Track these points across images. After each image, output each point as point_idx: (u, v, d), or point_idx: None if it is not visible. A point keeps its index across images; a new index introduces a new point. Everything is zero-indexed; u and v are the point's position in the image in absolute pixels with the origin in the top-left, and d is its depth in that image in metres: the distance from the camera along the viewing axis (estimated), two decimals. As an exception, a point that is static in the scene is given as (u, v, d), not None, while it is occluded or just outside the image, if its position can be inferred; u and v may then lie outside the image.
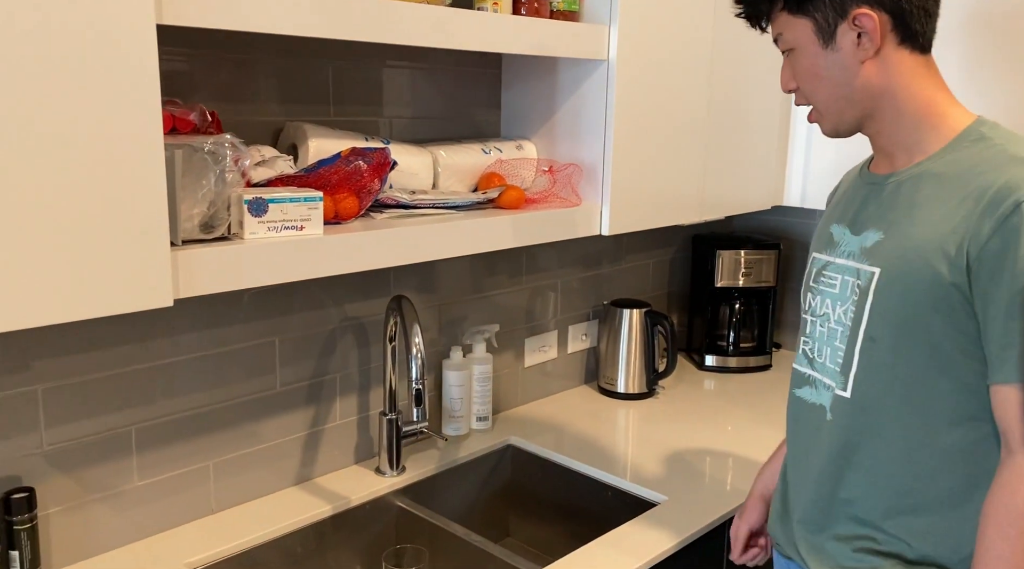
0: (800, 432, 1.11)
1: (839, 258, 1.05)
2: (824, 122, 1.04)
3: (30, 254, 0.85)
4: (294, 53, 1.34)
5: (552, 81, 1.58)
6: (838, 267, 1.05)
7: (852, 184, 1.10)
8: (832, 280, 1.05)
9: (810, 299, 1.10)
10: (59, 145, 0.86)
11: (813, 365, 1.08)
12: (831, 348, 1.05)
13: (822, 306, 1.07)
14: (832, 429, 1.03)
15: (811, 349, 1.09)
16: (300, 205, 1.12)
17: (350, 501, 1.42)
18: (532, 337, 1.86)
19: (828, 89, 1.01)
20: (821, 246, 1.10)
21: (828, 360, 1.05)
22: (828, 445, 1.04)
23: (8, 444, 1.13)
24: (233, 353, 1.35)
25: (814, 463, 1.07)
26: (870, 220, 1.02)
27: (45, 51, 0.83)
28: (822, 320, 1.07)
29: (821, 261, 1.09)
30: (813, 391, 1.08)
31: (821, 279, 1.08)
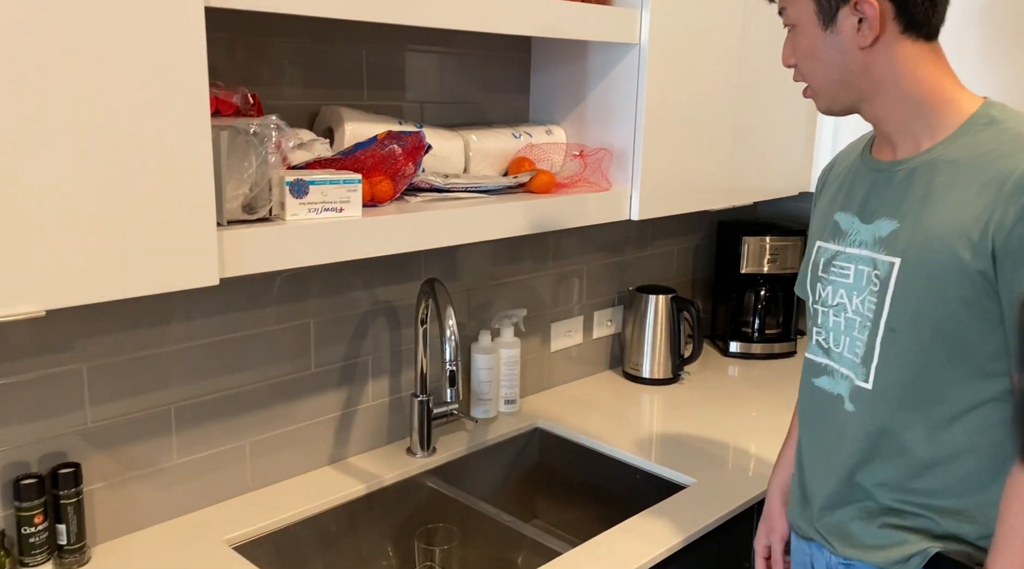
0: (818, 421, 1.10)
1: (850, 248, 1.03)
2: (818, 100, 1.04)
3: (82, 233, 0.87)
4: (329, 37, 1.36)
5: (582, 65, 1.59)
6: (850, 256, 1.04)
7: (852, 169, 1.09)
8: (844, 270, 1.04)
9: (820, 289, 1.08)
10: (111, 127, 0.87)
11: (830, 355, 1.07)
12: (849, 339, 1.04)
13: (835, 296, 1.05)
14: (854, 419, 1.03)
15: (825, 339, 1.08)
16: (340, 187, 1.14)
17: (383, 481, 1.44)
18: (558, 322, 1.87)
19: (824, 70, 1.00)
20: (827, 235, 1.08)
21: (846, 350, 1.04)
22: (851, 435, 1.04)
23: (55, 421, 1.15)
24: (269, 334, 1.37)
25: (836, 452, 1.06)
26: (882, 209, 1.00)
27: (97, 35, 0.85)
28: (836, 310, 1.05)
29: (829, 251, 1.07)
30: (831, 380, 1.07)
31: (832, 269, 1.06)
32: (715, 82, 1.65)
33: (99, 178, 0.87)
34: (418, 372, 1.51)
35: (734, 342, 2.17)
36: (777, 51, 1.79)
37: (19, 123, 0.81)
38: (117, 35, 0.86)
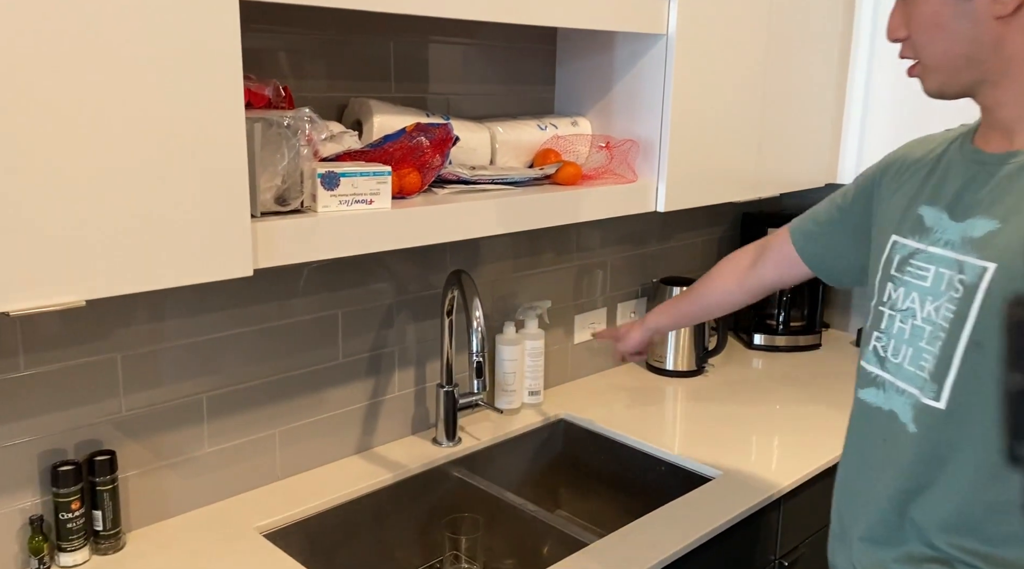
0: (864, 440, 0.99)
1: (933, 246, 0.92)
2: (929, 80, 0.91)
3: (120, 226, 0.89)
4: (357, 30, 1.36)
5: (609, 56, 1.58)
6: (931, 256, 0.92)
7: (945, 159, 0.96)
8: (923, 271, 0.92)
9: (890, 290, 0.96)
10: (149, 120, 0.88)
11: (884, 365, 0.96)
12: (914, 349, 0.92)
13: (906, 299, 0.94)
14: (916, 442, 0.91)
15: (884, 347, 0.96)
16: (370, 179, 1.15)
17: (409, 470, 1.46)
18: (581, 314, 1.87)
19: (947, 44, 0.87)
20: (906, 229, 0.96)
21: (908, 362, 0.93)
22: (909, 460, 0.92)
23: (90, 409, 1.17)
24: (298, 325, 1.38)
25: (886, 478, 0.95)
26: (979, 206, 0.88)
27: (137, 31, 0.86)
28: (904, 316, 0.94)
29: (907, 248, 0.95)
30: (880, 395, 0.96)
31: (908, 269, 0.94)
32: (742, 73, 1.64)
33: (137, 171, 0.89)
34: (444, 363, 1.52)
35: (758, 334, 2.16)
36: (805, 44, 1.77)
37: (61, 117, 0.83)
38: (156, 31, 0.87)
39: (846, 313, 2.31)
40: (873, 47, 1.89)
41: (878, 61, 1.89)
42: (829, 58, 1.86)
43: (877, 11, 1.88)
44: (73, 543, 1.14)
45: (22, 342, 1.10)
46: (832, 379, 1.94)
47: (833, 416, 1.72)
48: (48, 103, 0.82)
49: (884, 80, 1.89)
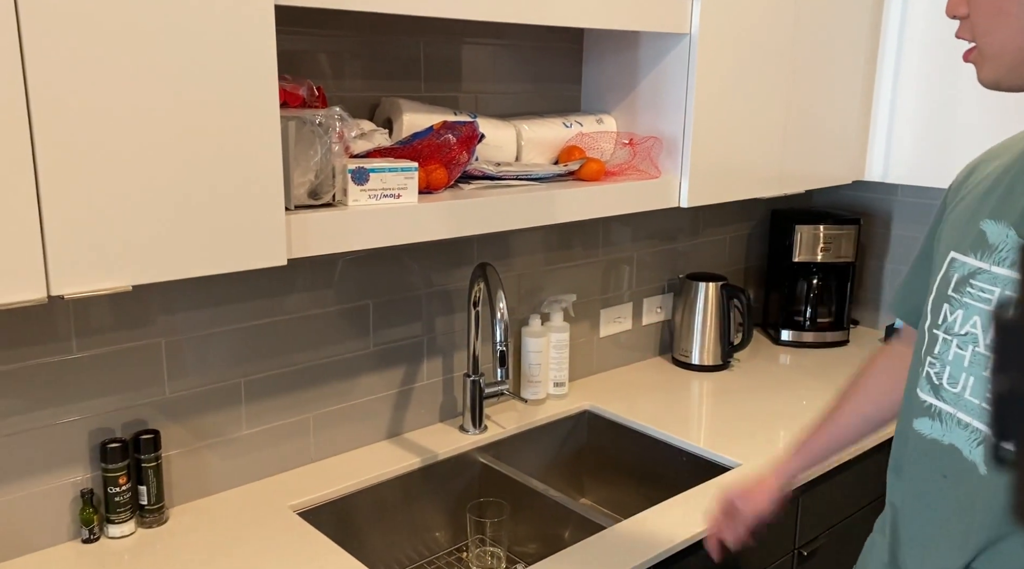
0: (925, 477, 0.89)
1: (997, 266, 0.83)
2: (986, 68, 0.82)
3: (165, 216, 0.95)
4: (389, 31, 1.42)
5: (633, 55, 1.61)
6: (996, 278, 0.83)
7: (1014, 170, 0.87)
8: (986, 294, 0.84)
9: (946, 311, 0.88)
10: (191, 118, 0.95)
11: (939, 394, 0.87)
12: (976, 379, 0.84)
13: (965, 323, 0.85)
14: (989, 488, 0.82)
15: (938, 373, 0.87)
16: (398, 175, 1.20)
17: (437, 455, 1.51)
18: (607, 308, 1.91)
19: (1009, 33, 0.79)
20: (966, 245, 0.87)
21: (970, 393, 0.84)
22: (982, 506, 0.82)
23: (136, 391, 1.25)
24: (332, 315, 1.44)
25: (953, 522, 0.86)
26: None
27: (180, 36, 0.92)
28: (963, 341, 0.85)
29: (968, 266, 0.86)
30: (940, 427, 0.87)
31: (968, 289, 0.85)
32: (767, 70, 1.66)
33: (180, 166, 0.95)
34: (470, 353, 1.57)
35: (786, 330, 2.17)
36: (831, 38, 1.78)
37: (110, 117, 0.89)
38: (197, 35, 0.93)
39: (875, 310, 2.31)
40: (902, 40, 1.89)
41: (907, 55, 1.89)
42: (857, 53, 1.86)
43: (906, 3, 1.87)
44: (120, 516, 1.22)
45: (74, 327, 1.18)
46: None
47: (857, 411, 1.73)
48: (99, 104, 0.89)
49: (913, 74, 1.88)
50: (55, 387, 1.18)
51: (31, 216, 0.86)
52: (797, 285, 2.18)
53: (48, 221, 0.87)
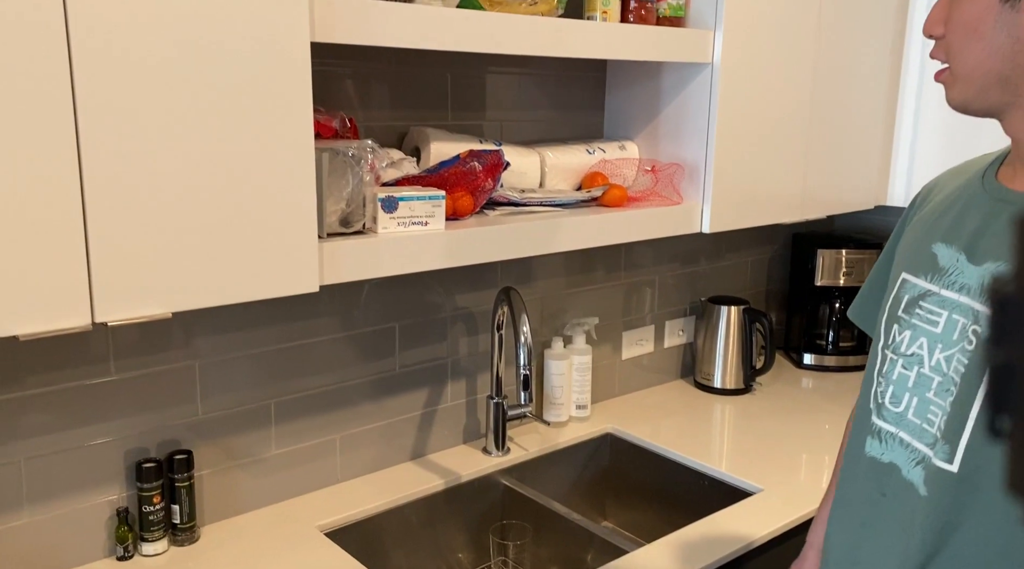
0: (862, 496, 0.89)
1: (947, 290, 0.83)
2: (955, 90, 0.81)
3: (203, 246, 0.99)
4: (418, 63, 1.46)
5: (656, 84, 1.64)
6: (944, 301, 0.83)
7: (967, 193, 0.87)
8: (934, 316, 0.84)
9: (895, 332, 0.88)
10: (229, 150, 0.99)
11: (882, 413, 0.88)
12: (919, 400, 0.84)
13: (912, 344, 0.85)
14: (928, 507, 0.81)
15: (883, 392, 0.88)
16: (426, 203, 1.23)
17: (460, 477, 1.53)
18: (629, 331, 1.93)
19: (982, 55, 0.78)
20: (917, 267, 0.87)
21: (913, 414, 0.84)
22: (920, 526, 0.82)
23: (171, 411, 1.29)
24: (359, 337, 1.48)
25: (889, 542, 0.86)
26: (998, 250, 0.79)
27: (220, 72, 0.96)
28: (908, 362, 0.85)
29: (918, 288, 0.86)
30: (880, 446, 0.88)
31: (917, 311, 0.86)
32: (789, 97, 1.68)
33: (219, 198, 0.99)
34: (493, 375, 1.59)
35: (808, 354, 2.17)
36: (852, 64, 1.80)
37: (153, 152, 0.93)
38: (237, 74, 0.98)
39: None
40: (924, 66, 1.90)
41: (929, 80, 1.90)
42: (878, 78, 1.88)
43: (928, 34, 1.88)
44: (154, 534, 1.25)
45: (113, 350, 1.22)
46: (882, 399, 1.94)
47: (880, 436, 1.73)
48: (143, 142, 0.93)
49: (935, 99, 1.89)
50: (93, 408, 1.22)
51: (78, 247, 0.90)
52: (819, 309, 2.18)
53: (94, 252, 0.91)
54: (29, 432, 1.17)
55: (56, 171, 0.87)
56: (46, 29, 0.85)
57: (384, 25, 1.11)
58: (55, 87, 0.86)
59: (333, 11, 1.06)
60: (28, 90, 0.85)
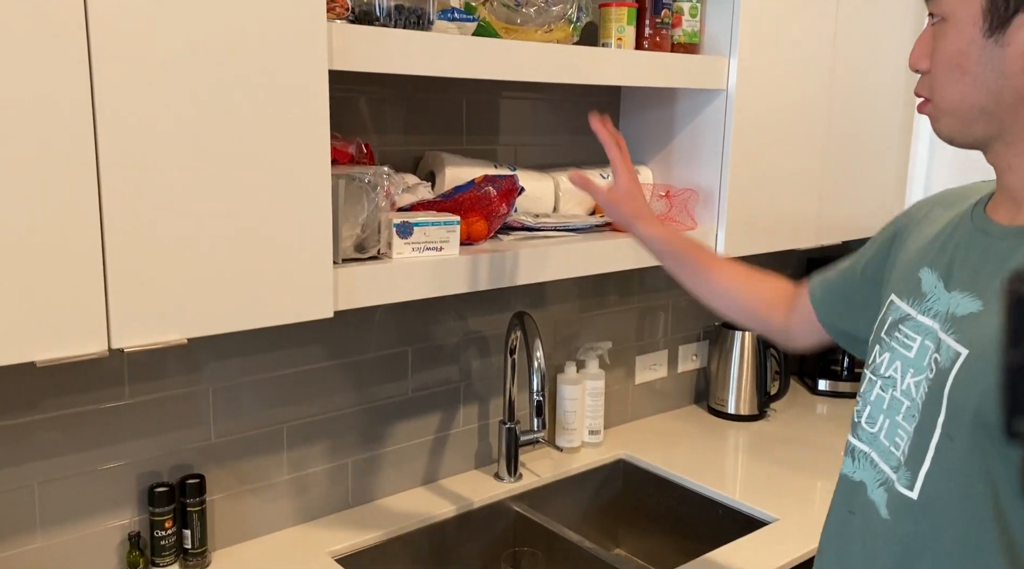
0: (839, 515, 0.90)
1: (923, 315, 0.83)
2: (940, 123, 0.81)
3: (220, 272, 0.99)
4: (434, 88, 1.47)
5: (670, 109, 1.65)
6: (919, 325, 0.83)
7: (956, 221, 0.86)
8: (909, 340, 0.83)
9: (877, 353, 0.88)
10: (247, 176, 0.99)
11: (858, 433, 0.88)
12: (891, 423, 0.84)
13: (890, 367, 0.85)
14: (891, 531, 0.82)
15: (859, 412, 0.89)
16: (440, 228, 1.24)
17: (472, 503, 1.52)
18: (642, 355, 1.92)
19: (966, 89, 0.77)
20: (903, 290, 0.87)
21: (883, 434, 0.84)
22: (881, 550, 0.83)
23: (184, 436, 1.29)
24: (371, 361, 1.47)
25: (855, 561, 0.87)
26: (966, 281, 0.79)
27: (239, 100, 0.97)
28: (886, 384, 0.85)
29: (901, 311, 0.86)
30: (852, 464, 0.89)
31: (896, 334, 0.85)
32: (803, 123, 1.67)
33: (235, 223, 0.99)
34: (506, 400, 1.59)
35: (823, 380, 2.15)
36: (867, 91, 1.80)
37: (171, 180, 0.94)
38: (255, 100, 0.98)
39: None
40: (939, 95, 1.90)
41: (944, 109, 1.89)
42: (894, 104, 1.88)
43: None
44: (166, 559, 1.24)
45: (128, 374, 1.22)
46: (898, 427, 1.92)
47: (897, 465, 1.71)
48: (162, 171, 0.93)
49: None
50: (107, 431, 1.22)
51: (96, 274, 0.90)
52: (834, 334, 2.16)
53: (111, 278, 0.92)
54: (44, 455, 1.17)
55: (75, 198, 0.88)
56: (68, 60, 0.86)
57: (401, 53, 1.11)
58: (76, 116, 0.87)
59: (351, 39, 1.07)
60: (49, 118, 0.85)
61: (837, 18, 1.69)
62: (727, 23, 1.52)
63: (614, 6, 1.46)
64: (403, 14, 1.14)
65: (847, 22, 1.71)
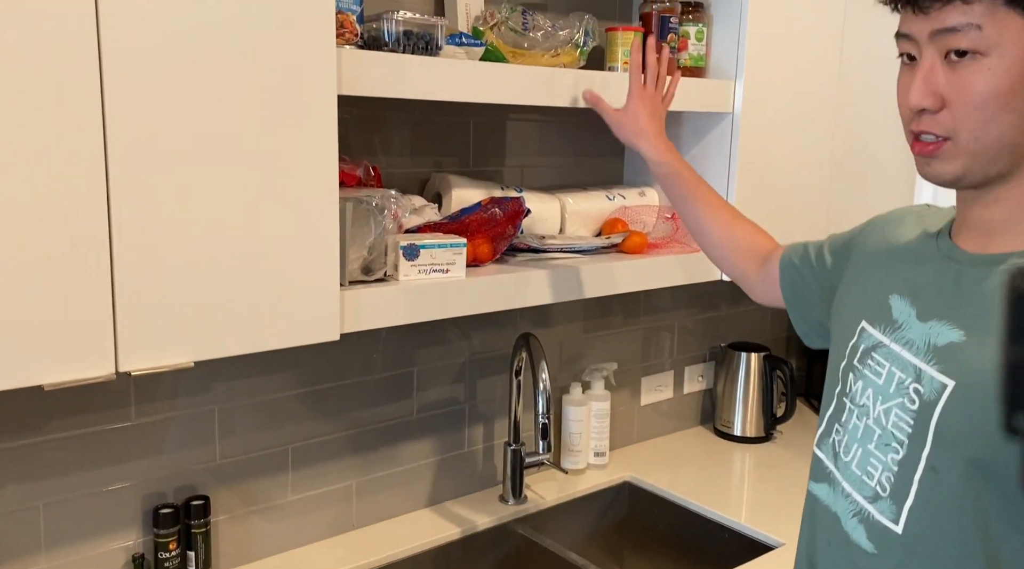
0: (814, 540, 0.89)
1: (895, 343, 0.81)
2: (953, 163, 0.76)
3: (227, 295, 1.00)
4: (441, 111, 1.48)
5: (676, 131, 1.65)
6: (890, 353, 0.82)
7: (922, 247, 0.86)
8: (880, 368, 0.82)
9: (851, 380, 0.86)
10: (255, 200, 1.00)
11: (837, 462, 0.86)
12: (863, 451, 0.82)
13: (863, 395, 0.84)
14: (876, 566, 0.81)
15: (838, 441, 0.86)
16: (447, 250, 1.24)
17: (476, 526, 1.51)
18: (648, 376, 1.91)
19: (1005, 128, 0.73)
20: (874, 317, 0.85)
21: (856, 464, 0.83)
22: None
23: (189, 456, 1.29)
24: (377, 382, 1.47)
25: None
26: (946, 309, 0.78)
27: (249, 122, 0.98)
28: (860, 412, 0.84)
29: (873, 338, 0.84)
30: (831, 494, 0.86)
31: (868, 362, 0.84)
32: (809, 145, 1.68)
33: (243, 246, 1.00)
34: (511, 421, 1.58)
35: (829, 401, 2.13)
36: (873, 115, 1.80)
37: (181, 204, 0.95)
38: (265, 125, 0.99)
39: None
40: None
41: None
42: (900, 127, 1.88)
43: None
44: (168, 581, 1.24)
45: (134, 395, 1.22)
46: (906, 450, 1.91)
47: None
48: (171, 196, 0.94)
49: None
50: (113, 453, 1.22)
51: (105, 298, 0.91)
52: (840, 355, 2.15)
53: (120, 302, 0.92)
54: (49, 477, 1.17)
55: (85, 223, 0.89)
56: (79, 90, 0.87)
57: (410, 78, 1.12)
58: (86, 140, 0.88)
59: (360, 65, 1.08)
60: (60, 144, 0.86)
61: (842, 39, 1.70)
62: (733, 47, 1.53)
63: (620, 30, 1.47)
64: (412, 39, 1.15)
65: (852, 42, 1.72)
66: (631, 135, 1.28)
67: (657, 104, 1.30)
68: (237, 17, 0.95)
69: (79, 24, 0.86)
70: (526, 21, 1.37)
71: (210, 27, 0.93)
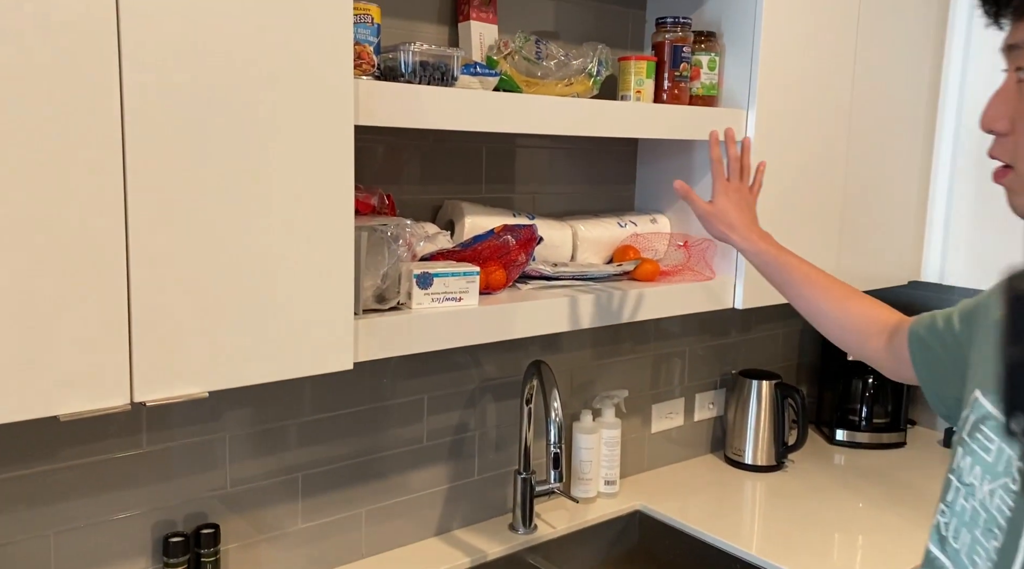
0: None
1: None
2: (1021, 196, 0.71)
3: (241, 326, 1.00)
4: (454, 138, 1.48)
5: (688, 158, 1.65)
6: (999, 427, 0.75)
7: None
8: (989, 443, 0.75)
9: (960, 455, 0.78)
10: (271, 230, 1.00)
11: (944, 548, 0.78)
12: (972, 539, 0.75)
13: (970, 473, 0.76)
14: None
15: (947, 524, 0.79)
16: (460, 279, 1.24)
17: (486, 556, 1.50)
18: (659, 403, 1.90)
19: None
20: (987, 384, 0.78)
21: (965, 552, 0.75)
22: None
23: (199, 484, 1.28)
24: (387, 408, 1.47)
25: None
26: None
27: (267, 153, 0.99)
28: (968, 492, 0.76)
29: (983, 409, 0.77)
30: None
31: (977, 435, 0.77)
32: (822, 174, 1.68)
33: (259, 277, 1.00)
34: (521, 449, 1.57)
35: (840, 430, 2.12)
36: (886, 141, 1.80)
37: (197, 235, 0.95)
38: (282, 156, 1.00)
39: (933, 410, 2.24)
40: (956, 141, 1.90)
41: (962, 155, 1.90)
42: (912, 154, 1.88)
43: (962, 103, 1.89)
44: (177, 610, 1.23)
45: (146, 423, 1.22)
46: (918, 478, 1.89)
47: (918, 519, 1.67)
48: (189, 228, 0.94)
49: (968, 174, 1.89)
50: (124, 481, 1.21)
51: (122, 330, 0.91)
52: (852, 384, 2.14)
53: (136, 334, 0.92)
54: (60, 505, 1.17)
55: (103, 255, 0.89)
56: (95, 117, 0.87)
57: (425, 109, 1.13)
58: (106, 173, 0.88)
59: (376, 96, 1.08)
60: (80, 174, 0.87)
61: (855, 69, 1.70)
62: (745, 76, 1.54)
63: (633, 59, 1.48)
64: (427, 70, 1.16)
65: (865, 73, 1.72)
66: (721, 231, 1.25)
67: (744, 194, 1.26)
68: (257, 47, 0.96)
69: (99, 50, 0.86)
70: (539, 50, 1.38)
71: (229, 59, 0.94)
